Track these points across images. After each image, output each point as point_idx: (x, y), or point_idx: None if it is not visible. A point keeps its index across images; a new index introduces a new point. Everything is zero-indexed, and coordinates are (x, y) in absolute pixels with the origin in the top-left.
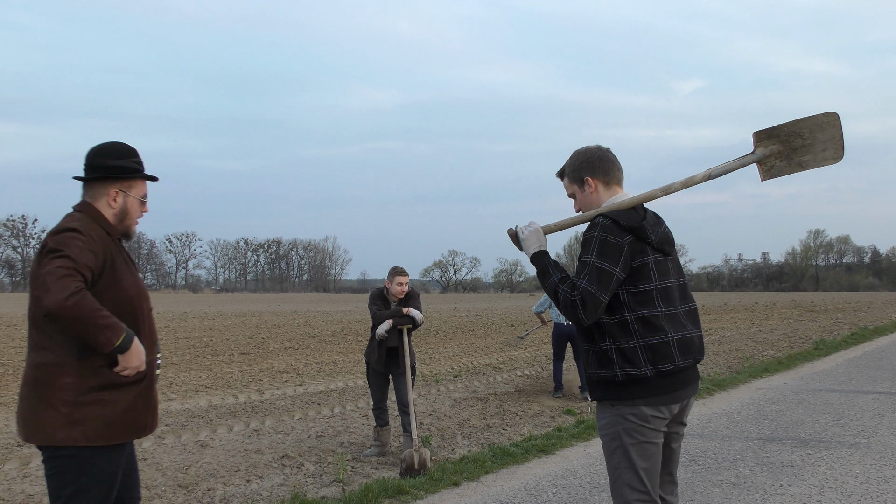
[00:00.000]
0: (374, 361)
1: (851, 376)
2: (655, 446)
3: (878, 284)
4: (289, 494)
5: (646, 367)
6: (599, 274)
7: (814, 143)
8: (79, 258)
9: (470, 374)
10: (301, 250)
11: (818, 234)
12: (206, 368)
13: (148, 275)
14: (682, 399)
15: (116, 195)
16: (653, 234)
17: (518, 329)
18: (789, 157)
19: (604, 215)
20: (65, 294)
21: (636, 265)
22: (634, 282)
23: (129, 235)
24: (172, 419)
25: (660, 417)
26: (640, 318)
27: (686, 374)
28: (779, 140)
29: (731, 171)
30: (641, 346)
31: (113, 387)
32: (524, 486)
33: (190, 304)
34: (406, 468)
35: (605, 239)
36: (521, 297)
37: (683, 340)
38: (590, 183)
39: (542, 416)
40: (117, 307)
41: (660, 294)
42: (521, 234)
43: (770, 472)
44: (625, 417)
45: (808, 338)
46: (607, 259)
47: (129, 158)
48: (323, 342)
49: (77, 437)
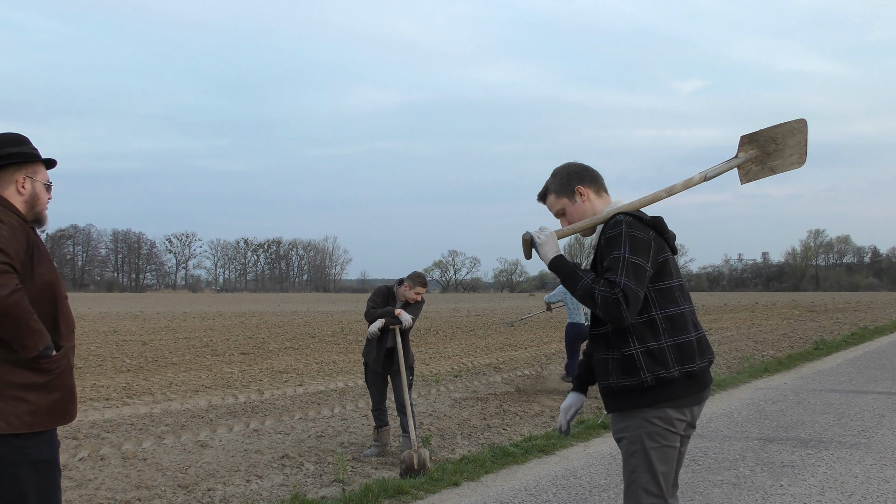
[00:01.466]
0: (372, 361)
1: (851, 376)
2: (675, 450)
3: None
4: (289, 494)
5: (674, 367)
6: (636, 269)
7: (784, 147)
8: (9, 249)
9: (470, 374)
10: (301, 250)
11: (818, 234)
12: (206, 368)
13: (148, 275)
14: (703, 400)
15: (24, 181)
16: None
17: (518, 328)
18: (763, 162)
19: (623, 213)
20: (5, 292)
21: (660, 261)
22: (659, 278)
23: (40, 222)
24: (172, 419)
25: (683, 420)
26: (667, 316)
27: (705, 375)
28: (757, 145)
29: (723, 172)
30: (670, 345)
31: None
32: (524, 486)
33: (190, 304)
34: (405, 469)
35: (633, 234)
36: (522, 297)
37: (701, 340)
38: (582, 192)
39: (543, 416)
40: (37, 293)
41: (678, 292)
42: (538, 240)
43: (770, 473)
44: (650, 421)
45: (809, 338)
46: (639, 254)
47: (27, 145)
48: (323, 342)
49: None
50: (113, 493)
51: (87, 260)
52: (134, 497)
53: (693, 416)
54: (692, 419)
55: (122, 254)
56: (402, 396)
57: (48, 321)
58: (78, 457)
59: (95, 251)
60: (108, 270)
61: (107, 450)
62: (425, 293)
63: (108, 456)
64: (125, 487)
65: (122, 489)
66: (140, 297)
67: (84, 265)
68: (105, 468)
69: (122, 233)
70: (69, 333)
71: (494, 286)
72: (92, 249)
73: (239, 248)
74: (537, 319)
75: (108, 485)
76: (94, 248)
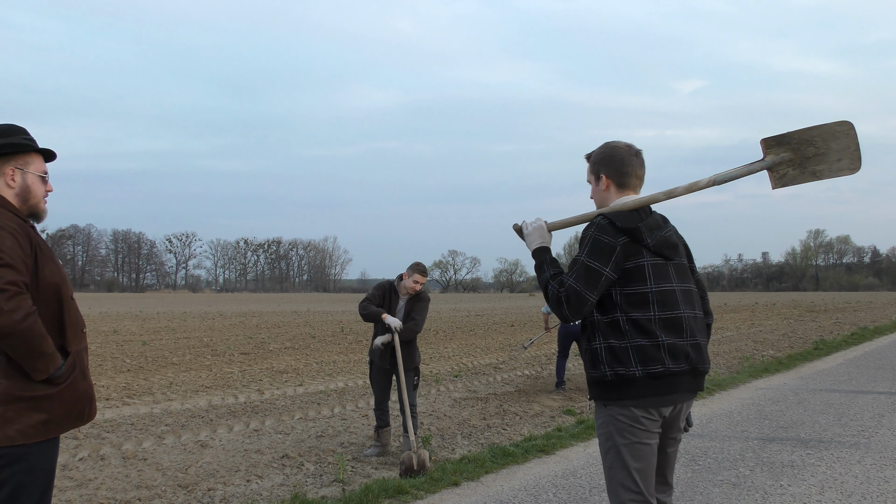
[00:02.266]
0: (378, 358)
1: (851, 376)
2: (648, 447)
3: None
4: (289, 494)
5: (635, 367)
6: (587, 272)
7: (828, 152)
8: (18, 263)
9: (470, 374)
10: (301, 250)
11: (818, 234)
12: (206, 368)
13: (148, 275)
14: (674, 403)
15: (13, 173)
16: (649, 238)
17: (518, 328)
18: (802, 166)
19: (602, 215)
20: (20, 315)
21: (629, 266)
22: (627, 283)
23: (37, 216)
24: (172, 419)
25: (651, 419)
26: (630, 319)
27: (679, 379)
28: (790, 148)
29: (737, 177)
30: (633, 346)
31: (46, 382)
32: (524, 486)
33: (190, 304)
34: (405, 469)
35: (598, 238)
36: (521, 297)
37: (675, 346)
38: (603, 180)
39: (542, 416)
40: (41, 296)
41: (655, 297)
42: (526, 230)
43: (770, 472)
44: (616, 418)
45: (808, 338)
46: (597, 258)
47: (19, 135)
48: (323, 342)
49: (14, 437)
50: (113, 492)
51: (87, 260)
52: (134, 497)
53: (666, 416)
54: (668, 420)
55: (123, 254)
56: (405, 396)
57: (54, 325)
58: (78, 457)
59: (95, 251)
60: (108, 270)
61: (107, 450)
62: (427, 285)
63: (109, 456)
64: (125, 487)
65: (123, 489)
66: (140, 297)
67: (84, 265)
68: (105, 468)
69: (122, 233)
70: (78, 335)
71: (494, 286)
72: (92, 249)
73: (239, 248)
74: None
75: (109, 485)
76: (95, 248)
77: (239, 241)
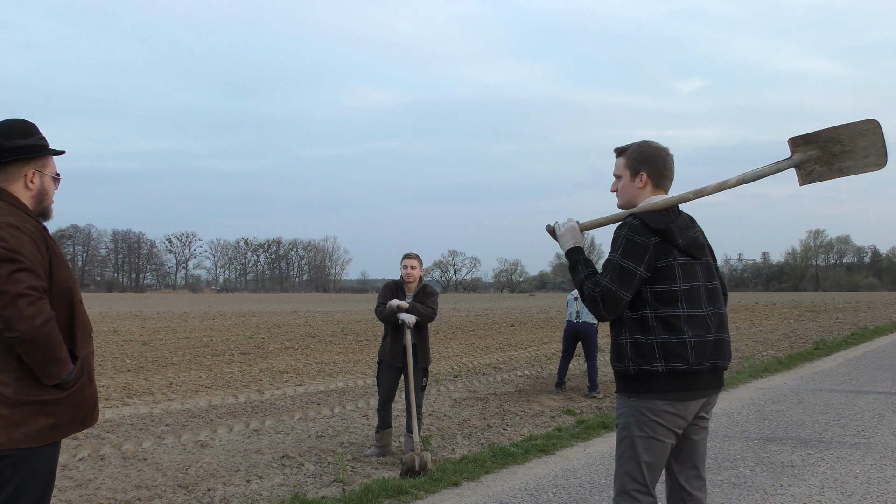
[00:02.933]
0: (387, 356)
1: (852, 376)
2: (662, 444)
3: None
4: (289, 494)
5: (659, 362)
6: (622, 272)
7: (854, 149)
8: (36, 266)
9: (470, 374)
10: (301, 250)
11: (818, 234)
12: (206, 368)
13: (148, 275)
14: (698, 398)
15: (33, 176)
16: (680, 238)
17: (518, 328)
18: (829, 163)
19: (634, 215)
20: (40, 321)
21: (661, 265)
22: (658, 281)
23: (46, 216)
24: (172, 419)
25: (674, 414)
26: (659, 316)
27: (702, 377)
28: (817, 146)
29: (766, 175)
30: (658, 342)
31: (55, 386)
32: (524, 486)
33: (190, 304)
34: (406, 470)
35: (631, 238)
36: (522, 297)
37: (701, 343)
38: (643, 178)
39: (543, 416)
40: (56, 300)
41: (683, 295)
42: (559, 231)
43: (770, 472)
44: (639, 410)
45: (809, 338)
46: (631, 258)
47: (36, 136)
48: (323, 342)
49: (20, 440)
50: (113, 493)
51: (87, 260)
52: (134, 497)
53: (687, 411)
54: (688, 415)
55: (123, 254)
56: (412, 397)
57: (65, 329)
58: (78, 457)
59: (95, 251)
60: (108, 270)
61: (107, 450)
62: (427, 278)
63: (109, 456)
64: (125, 487)
65: (123, 489)
66: (140, 297)
67: (84, 265)
68: (105, 468)
69: (122, 233)
70: (86, 340)
71: (494, 286)
72: (92, 249)
73: (239, 248)
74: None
75: (109, 485)
76: (95, 248)
77: (239, 241)
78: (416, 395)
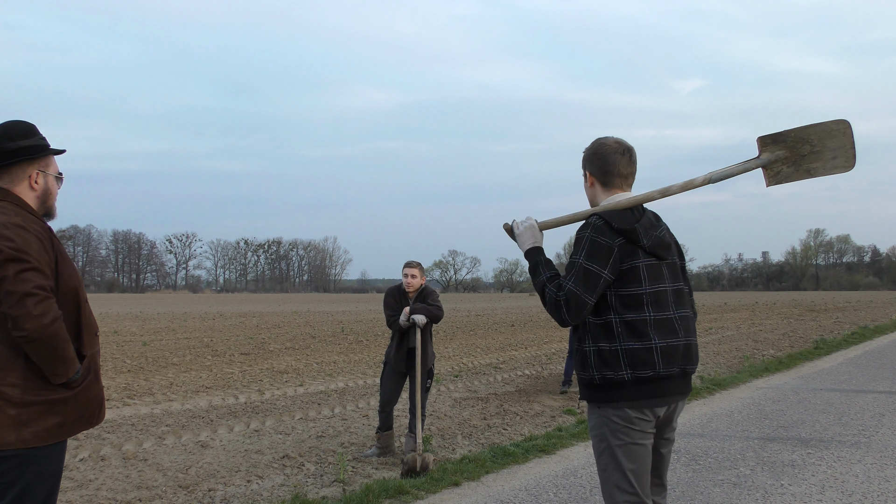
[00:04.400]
0: (393, 359)
1: (852, 375)
2: (643, 447)
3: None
4: (289, 495)
5: (625, 370)
6: (586, 275)
7: (823, 150)
8: (45, 268)
9: (470, 374)
10: (301, 250)
11: (818, 233)
12: (207, 369)
13: (148, 275)
14: (667, 404)
15: (38, 176)
16: (645, 238)
17: (518, 328)
18: (797, 164)
19: (597, 215)
20: (48, 320)
21: (625, 268)
22: (623, 285)
23: (50, 215)
24: (173, 419)
25: (644, 419)
26: (624, 321)
27: (669, 383)
28: (785, 146)
29: (733, 175)
30: (624, 349)
31: (62, 386)
32: (525, 485)
33: (190, 304)
34: (407, 469)
35: (594, 240)
36: (522, 297)
37: (669, 348)
38: (587, 178)
39: (543, 416)
40: (62, 299)
41: (649, 298)
42: (517, 230)
43: (771, 472)
44: (610, 419)
45: (809, 337)
46: (595, 260)
47: (37, 136)
48: (323, 342)
49: (28, 439)
50: (113, 493)
51: (87, 260)
52: (134, 497)
53: (660, 417)
54: (660, 419)
55: (123, 254)
56: (416, 397)
57: (71, 328)
58: (79, 457)
59: (96, 252)
60: (108, 271)
61: (107, 450)
62: (427, 278)
63: (109, 456)
64: (126, 488)
65: (123, 489)
66: (140, 297)
67: (84, 266)
68: (106, 468)
69: (123, 233)
70: (92, 339)
71: (494, 286)
72: (92, 250)
73: (239, 248)
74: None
75: (109, 485)
76: (95, 248)
77: (239, 241)
78: (421, 396)
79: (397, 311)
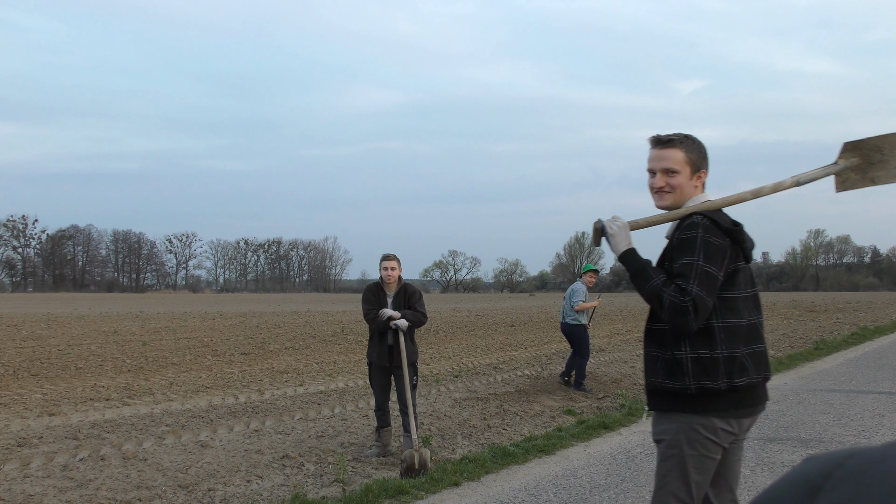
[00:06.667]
0: (376, 357)
1: (852, 376)
2: (713, 461)
3: (879, 284)
4: (289, 495)
5: (722, 379)
6: (707, 278)
7: (891, 159)
8: None
9: (470, 374)
10: (301, 250)
11: (818, 233)
12: (207, 369)
13: (148, 275)
14: (755, 414)
15: None
16: (748, 240)
17: (518, 328)
18: (864, 171)
19: (701, 215)
20: None
21: (731, 270)
22: (726, 288)
23: None
24: (173, 419)
25: (729, 431)
26: (726, 326)
27: (758, 391)
28: (860, 153)
29: (817, 178)
30: (723, 356)
31: None
32: (524, 486)
33: (190, 304)
34: (406, 468)
35: (709, 241)
36: (522, 297)
37: (757, 354)
38: (702, 178)
39: (543, 417)
40: None
41: (744, 304)
42: (609, 230)
43: (770, 472)
44: (693, 428)
45: (809, 338)
46: (713, 262)
47: None
48: (323, 342)
49: None
50: (113, 493)
51: (87, 260)
52: (134, 497)
53: (741, 429)
54: (740, 431)
55: (123, 254)
56: (405, 396)
57: None
58: (78, 457)
59: (96, 251)
60: (108, 271)
61: (107, 450)
62: (417, 288)
63: (109, 456)
64: (126, 488)
65: (123, 489)
66: (140, 297)
67: (84, 265)
68: (105, 468)
69: (123, 233)
70: None
71: (494, 286)
72: (92, 250)
73: (239, 248)
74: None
75: (109, 485)
76: (95, 248)
77: (239, 241)
78: (410, 394)
79: (375, 304)
